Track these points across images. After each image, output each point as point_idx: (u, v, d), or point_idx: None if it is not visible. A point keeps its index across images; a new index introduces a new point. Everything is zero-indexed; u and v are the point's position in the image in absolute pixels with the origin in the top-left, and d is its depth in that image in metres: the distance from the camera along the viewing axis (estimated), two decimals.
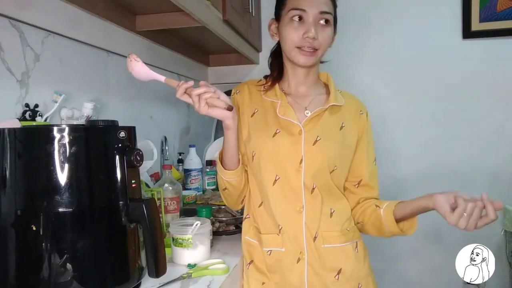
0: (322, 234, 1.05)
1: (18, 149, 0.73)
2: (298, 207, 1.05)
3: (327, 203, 1.07)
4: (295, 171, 1.04)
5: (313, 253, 1.04)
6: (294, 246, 1.05)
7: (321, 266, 1.04)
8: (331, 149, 1.05)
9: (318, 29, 1.03)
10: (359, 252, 1.10)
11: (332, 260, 1.05)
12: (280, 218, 1.05)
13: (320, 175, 1.05)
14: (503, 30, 2.07)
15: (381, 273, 2.31)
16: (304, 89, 1.12)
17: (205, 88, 0.93)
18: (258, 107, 1.11)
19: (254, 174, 1.10)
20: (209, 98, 0.92)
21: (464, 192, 0.96)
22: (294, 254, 1.05)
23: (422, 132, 2.22)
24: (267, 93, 1.12)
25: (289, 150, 1.05)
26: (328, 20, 1.05)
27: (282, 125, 1.07)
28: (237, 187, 1.09)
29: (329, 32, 1.06)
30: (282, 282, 1.06)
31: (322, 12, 1.03)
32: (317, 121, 1.07)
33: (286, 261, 1.05)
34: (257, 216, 1.10)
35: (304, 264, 1.04)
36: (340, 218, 1.09)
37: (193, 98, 0.92)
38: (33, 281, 0.71)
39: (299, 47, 1.04)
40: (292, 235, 1.05)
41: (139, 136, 0.86)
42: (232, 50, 1.98)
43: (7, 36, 1.00)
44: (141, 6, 1.46)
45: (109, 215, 0.77)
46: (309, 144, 1.05)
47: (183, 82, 0.94)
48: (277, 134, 1.06)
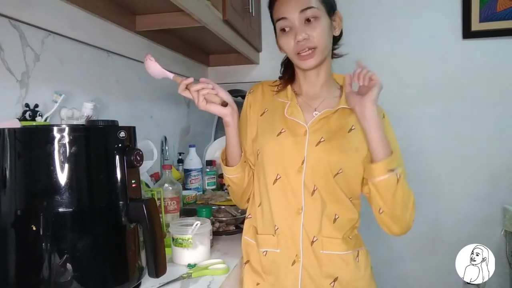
0: (322, 240, 1.02)
1: (18, 149, 0.73)
2: (297, 208, 1.02)
3: (331, 208, 1.03)
4: (296, 172, 1.02)
5: (309, 257, 1.02)
6: (290, 248, 1.03)
7: (317, 271, 1.02)
8: (334, 151, 1.02)
9: (307, 28, 1.01)
10: (360, 261, 1.06)
11: (329, 267, 1.02)
12: (277, 218, 1.04)
13: (322, 177, 1.02)
14: (503, 30, 2.07)
15: (381, 273, 2.31)
16: (315, 90, 1.10)
17: (203, 84, 0.96)
18: (268, 107, 1.12)
19: (258, 173, 1.10)
20: (206, 94, 0.96)
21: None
22: (289, 256, 1.03)
23: (421, 131, 2.22)
24: (279, 94, 1.13)
25: (291, 150, 1.04)
26: (313, 16, 1.01)
27: (288, 125, 1.06)
28: (239, 184, 1.10)
29: (321, 25, 1.01)
30: (276, 284, 1.05)
31: (303, 11, 1.00)
32: (324, 123, 1.05)
33: (281, 262, 1.04)
34: (257, 216, 1.10)
35: (299, 267, 1.02)
36: (344, 225, 1.04)
37: (192, 94, 0.96)
38: (33, 281, 0.71)
39: (297, 53, 1.03)
40: (288, 237, 1.03)
41: (139, 136, 0.86)
42: (232, 50, 1.98)
43: (7, 36, 1.00)
44: (141, 6, 1.46)
45: (109, 215, 0.77)
46: (312, 145, 1.03)
47: (184, 79, 0.98)
48: (281, 133, 1.06)
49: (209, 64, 2.39)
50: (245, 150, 1.11)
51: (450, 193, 2.19)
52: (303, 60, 1.03)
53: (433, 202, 2.20)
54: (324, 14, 1.02)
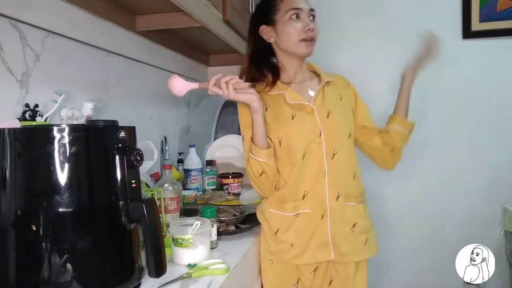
0: (345, 194, 1.23)
1: (18, 149, 0.72)
2: (322, 173, 1.22)
3: (350, 167, 1.27)
4: (317, 143, 1.22)
5: (334, 211, 1.22)
6: (318, 207, 1.22)
7: (341, 220, 1.23)
8: (342, 116, 1.26)
9: (312, 22, 1.25)
10: (366, 211, 1.31)
11: (350, 215, 1.24)
12: (306, 185, 1.22)
13: (338, 142, 1.23)
14: (503, 30, 2.07)
15: (381, 273, 2.32)
16: (301, 75, 1.32)
17: (230, 76, 1.10)
18: (268, 102, 1.27)
19: (280, 158, 1.24)
20: (235, 83, 1.09)
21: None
22: (318, 213, 1.22)
23: (421, 131, 2.21)
24: (272, 90, 1.28)
25: (308, 125, 1.22)
26: (314, 16, 1.27)
27: (295, 109, 1.24)
28: (273, 167, 1.21)
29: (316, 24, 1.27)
30: (311, 237, 1.23)
31: (312, 10, 1.26)
32: (323, 98, 1.27)
33: (312, 219, 1.23)
34: (285, 188, 1.24)
35: (327, 220, 1.22)
36: (359, 180, 1.30)
37: (222, 86, 1.09)
38: (33, 281, 0.71)
39: (303, 39, 1.23)
40: (316, 198, 1.22)
41: (139, 136, 0.86)
42: (232, 50, 1.98)
43: (7, 36, 1.00)
44: (141, 6, 1.46)
45: (109, 215, 0.77)
46: (323, 118, 1.23)
47: (209, 80, 1.11)
48: (294, 116, 1.23)
49: (209, 64, 2.39)
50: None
51: (450, 193, 2.19)
52: (308, 45, 1.24)
53: (433, 202, 2.21)
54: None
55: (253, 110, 1.14)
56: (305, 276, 1.28)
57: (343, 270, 1.27)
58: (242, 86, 1.11)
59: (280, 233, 1.26)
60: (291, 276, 1.29)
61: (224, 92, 1.08)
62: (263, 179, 1.22)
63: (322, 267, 1.28)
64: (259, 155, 1.18)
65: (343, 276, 1.27)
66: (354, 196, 1.27)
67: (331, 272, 1.28)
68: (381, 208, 2.15)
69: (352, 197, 1.26)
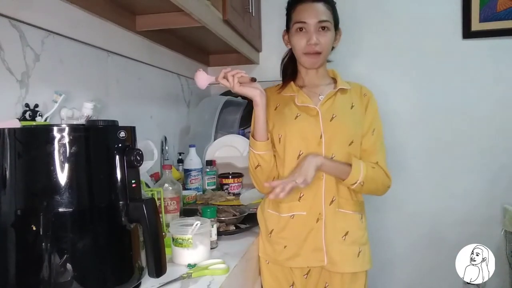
0: (338, 200, 1.24)
1: (18, 149, 0.72)
2: (318, 175, 1.21)
3: None
4: (316, 145, 1.23)
5: (328, 215, 1.23)
6: (314, 209, 1.23)
7: (333, 226, 1.23)
8: (346, 123, 1.25)
9: (319, 35, 1.24)
10: (363, 223, 1.30)
11: (342, 223, 1.24)
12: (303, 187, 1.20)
13: (338, 147, 1.23)
14: (503, 30, 2.07)
15: (381, 273, 2.31)
16: (315, 80, 1.33)
17: (237, 70, 1.16)
18: (279, 102, 1.32)
19: (279, 156, 1.27)
20: (240, 77, 1.14)
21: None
22: (313, 216, 1.23)
23: (421, 131, 2.23)
24: (285, 90, 1.34)
25: (309, 127, 1.24)
26: (326, 27, 1.24)
27: (301, 110, 1.27)
28: (269, 162, 1.24)
29: (329, 36, 1.25)
30: (304, 240, 1.23)
31: (321, 21, 1.23)
32: (331, 103, 1.28)
33: (307, 222, 1.24)
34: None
35: (322, 223, 1.23)
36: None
37: (229, 79, 1.14)
38: (33, 281, 0.71)
39: (306, 53, 1.25)
40: (312, 200, 1.23)
41: (139, 136, 0.86)
42: (232, 50, 1.98)
43: (7, 36, 1.00)
44: (141, 6, 1.46)
45: (109, 215, 0.77)
46: (326, 121, 1.24)
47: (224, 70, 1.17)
48: (298, 117, 1.27)
49: (209, 64, 2.39)
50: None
51: (450, 193, 2.19)
52: (310, 59, 1.26)
53: (433, 202, 2.20)
54: (332, 28, 1.27)
55: (255, 103, 1.19)
56: (298, 279, 1.29)
57: (339, 279, 1.26)
58: (246, 80, 1.15)
59: (274, 233, 1.28)
60: (286, 277, 1.30)
61: (230, 84, 1.14)
62: (258, 172, 1.25)
63: (315, 272, 1.28)
64: (255, 147, 1.23)
65: (338, 285, 1.26)
66: (349, 204, 1.26)
67: (325, 278, 1.28)
68: (381, 208, 2.16)
69: (347, 204, 1.25)
